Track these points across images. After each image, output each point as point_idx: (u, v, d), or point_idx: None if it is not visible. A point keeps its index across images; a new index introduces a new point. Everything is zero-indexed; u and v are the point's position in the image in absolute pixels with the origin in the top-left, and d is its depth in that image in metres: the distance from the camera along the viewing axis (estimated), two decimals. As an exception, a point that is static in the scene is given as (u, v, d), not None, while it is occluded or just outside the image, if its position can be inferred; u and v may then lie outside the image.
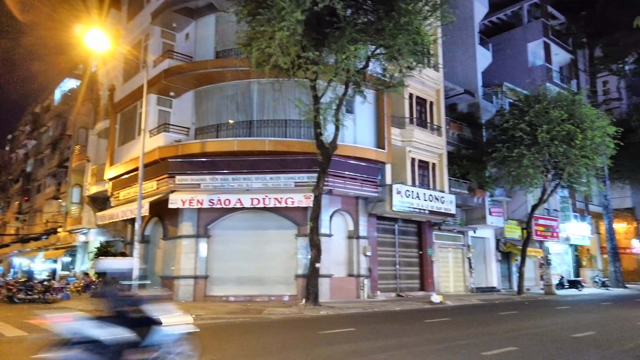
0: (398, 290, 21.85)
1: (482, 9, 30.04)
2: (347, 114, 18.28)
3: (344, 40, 14.06)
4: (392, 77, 16.45)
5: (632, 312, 15.26)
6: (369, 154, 19.99)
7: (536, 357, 7.56)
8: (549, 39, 33.97)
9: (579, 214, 33.51)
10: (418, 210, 21.01)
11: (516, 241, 27.88)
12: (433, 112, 24.31)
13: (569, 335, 9.95)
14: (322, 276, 17.21)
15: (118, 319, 5.29)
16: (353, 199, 20.20)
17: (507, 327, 11.26)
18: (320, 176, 16.04)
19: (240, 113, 19.60)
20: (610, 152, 23.66)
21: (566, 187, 26.82)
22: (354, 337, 9.61)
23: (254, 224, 18.73)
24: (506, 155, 22.71)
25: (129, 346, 5.26)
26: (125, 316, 5.37)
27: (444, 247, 24.63)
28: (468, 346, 8.43)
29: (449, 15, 15.66)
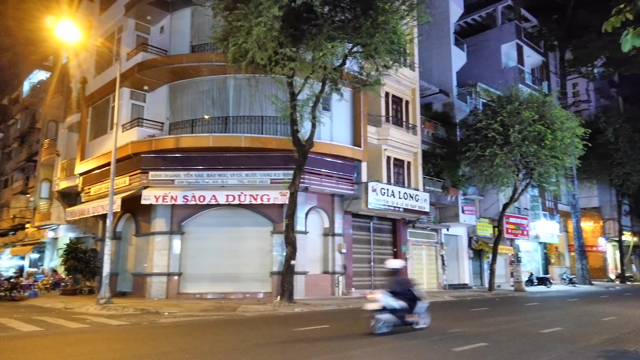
0: (373, 287, 22.02)
1: (458, 10, 30.48)
2: (323, 112, 18.30)
3: (322, 37, 14.07)
4: (368, 75, 16.53)
5: (598, 308, 15.76)
6: (345, 151, 20.08)
7: (505, 353, 7.74)
8: (522, 41, 34.70)
9: (548, 213, 34.41)
10: (393, 208, 21.22)
11: (488, 239, 28.45)
12: (409, 111, 24.56)
13: (538, 331, 10.22)
14: (298, 273, 17.22)
15: (401, 295, 9.52)
16: (329, 196, 20.26)
17: (478, 323, 11.49)
18: (297, 173, 16.03)
19: (216, 108, 19.41)
20: (578, 152, 24.35)
21: (536, 186, 27.50)
22: (328, 334, 9.66)
23: (229, 221, 18.59)
24: (479, 155, 23.13)
25: (407, 312, 9.51)
26: (405, 294, 9.60)
27: (418, 245, 24.96)
28: (440, 342, 8.58)
29: (425, 15, 15.83)
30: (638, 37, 5.32)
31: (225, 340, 8.99)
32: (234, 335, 9.66)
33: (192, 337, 9.15)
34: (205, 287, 18.04)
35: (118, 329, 10.56)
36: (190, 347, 8.04)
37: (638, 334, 9.96)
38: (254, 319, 12.32)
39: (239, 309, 13.98)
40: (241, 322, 11.66)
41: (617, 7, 5.60)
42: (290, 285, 15.57)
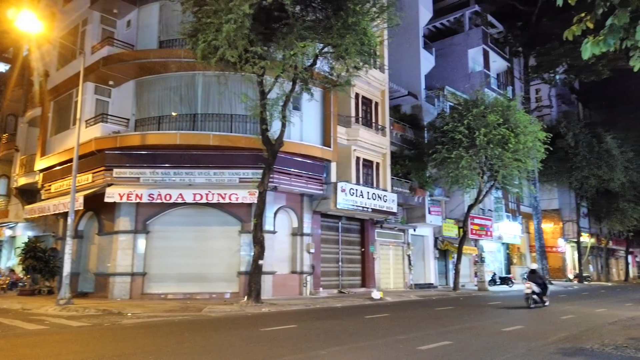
0: (340, 286, 22.15)
1: (427, 14, 30.99)
2: (294, 111, 18.24)
3: (293, 36, 14.04)
4: (339, 76, 16.60)
5: (557, 307, 16.31)
6: (315, 151, 20.09)
7: (468, 351, 7.91)
8: (488, 46, 35.58)
9: (511, 214, 35.38)
10: (362, 208, 21.38)
11: (453, 239, 29.03)
12: (378, 113, 24.80)
13: (500, 329, 10.49)
14: (265, 273, 17.13)
15: (539, 285, 15.87)
16: (298, 196, 20.24)
17: (442, 322, 11.70)
18: (266, 172, 15.94)
19: (184, 106, 19.09)
20: (540, 156, 25.13)
21: (500, 188, 28.23)
22: (295, 334, 9.64)
23: (196, 220, 18.32)
24: (446, 157, 23.57)
25: (542, 295, 15.86)
26: (540, 284, 15.95)
27: (385, 245, 25.23)
28: (405, 341, 8.69)
29: (395, 18, 16.03)
30: (597, 45, 5.54)
31: (190, 341, 8.85)
32: (199, 336, 9.51)
33: (155, 338, 8.97)
34: (170, 287, 17.70)
35: (78, 330, 10.25)
36: (154, 348, 7.88)
37: (594, 332, 10.36)
38: (220, 320, 12.18)
39: (204, 309, 13.79)
40: (207, 323, 11.50)
41: (578, 16, 5.81)
42: (257, 285, 15.47)
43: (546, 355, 7.51)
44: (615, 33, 5.42)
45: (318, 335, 9.43)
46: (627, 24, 5.42)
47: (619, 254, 53.95)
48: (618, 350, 7.98)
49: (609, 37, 5.45)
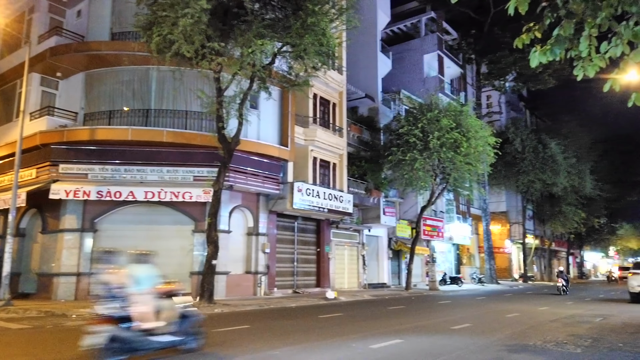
0: (295, 286, 22.12)
1: (385, 18, 31.49)
2: (251, 110, 18.08)
3: (251, 34, 13.91)
4: (297, 75, 16.59)
5: (503, 306, 16.96)
6: (272, 151, 19.98)
7: (419, 348, 8.09)
8: (443, 52, 36.56)
9: (462, 216, 36.51)
10: (318, 209, 21.44)
11: (406, 240, 29.62)
12: (335, 114, 24.97)
13: (449, 327, 10.79)
14: (219, 273, 16.85)
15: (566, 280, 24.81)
16: (254, 195, 20.05)
17: (394, 321, 11.91)
18: (221, 171, 15.70)
19: (137, 100, 18.50)
20: (490, 160, 26.06)
21: (452, 190, 29.06)
22: (248, 334, 9.54)
23: (147, 219, 17.78)
24: (400, 159, 24.02)
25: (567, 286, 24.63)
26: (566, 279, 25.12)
27: (341, 245, 25.42)
28: (358, 340, 8.77)
29: (354, 20, 16.18)
30: (544, 54, 5.78)
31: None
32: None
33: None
34: (119, 287, 17.08)
35: (18, 333, 9.71)
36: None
37: (537, 329, 10.84)
38: (172, 321, 11.86)
39: (155, 310, 13.38)
40: (157, 324, 11.17)
41: (527, 26, 6.05)
42: (210, 286, 15.20)
43: (492, 352, 7.78)
44: (561, 43, 5.68)
45: (271, 335, 9.37)
46: (572, 35, 5.68)
47: (561, 255, 56.83)
48: (559, 346, 8.38)
49: (555, 47, 5.69)
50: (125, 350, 6.36)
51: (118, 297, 6.40)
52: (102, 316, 6.29)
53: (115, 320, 6.28)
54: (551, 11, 5.73)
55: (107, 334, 6.17)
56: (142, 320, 6.59)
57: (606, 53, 5.79)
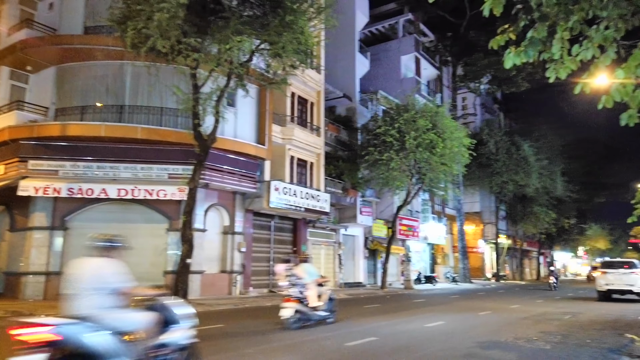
0: (271, 286, 22.01)
1: (363, 19, 31.64)
2: (228, 107, 17.88)
3: (229, 30, 13.74)
4: (275, 74, 16.50)
5: (476, 304, 17.24)
6: (249, 149, 19.83)
7: (393, 346, 8.15)
8: (420, 54, 36.96)
9: (437, 216, 37.00)
10: (295, 208, 21.39)
11: (382, 239, 29.83)
12: (313, 113, 24.96)
13: (423, 325, 10.91)
14: (193, 272, 16.63)
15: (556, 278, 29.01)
16: (230, 193, 19.88)
17: (369, 319, 11.97)
18: (197, 169, 15.50)
19: (111, 96, 18.10)
20: (465, 161, 26.45)
21: (427, 190, 29.40)
22: (222, 333, 9.45)
23: (120, 217, 17.43)
24: (377, 159, 24.17)
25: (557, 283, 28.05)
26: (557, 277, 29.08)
27: (317, 244, 25.43)
28: (333, 337, 8.79)
29: (332, 20, 16.18)
30: (518, 56, 5.89)
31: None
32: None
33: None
34: (90, 287, 16.69)
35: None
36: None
37: (509, 326, 11.06)
38: (144, 320, 11.66)
39: (127, 309, 13.13)
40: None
41: (502, 27, 6.15)
42: (184, 285, 14.99)
43: (465, 349, 7.89)
44: (535, 45, 5.79)
45: (246, 334, 9.30)
46: (545, 37, 5.80)
47: (532, 255, 58.15)
48: (529, 342, 8.56)
49: (529, 49, 5.80)
50: (302, 320, 9.94)
51: (298, 285, 10.27)
52: (291, 296, 9.90)
53: (298, 300, 9.90)
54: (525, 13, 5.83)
55: (293, 308, 9.73)
56: (311, 301, 10.25)
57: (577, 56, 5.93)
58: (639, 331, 10.32)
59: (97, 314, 4.26)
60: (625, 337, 9.40)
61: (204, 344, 8.16)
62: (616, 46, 5.92)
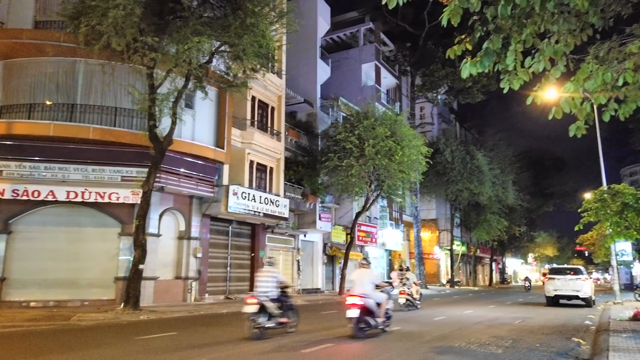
0: (227, 292, 21.62)
1: (325, 26, 31.84)
2: (186, 109, 17.49)
3: (188, 30, 13.49)
4: (235, 76, 16.30)
5: (431, 310, 17.51)
6: (207, 152, 19.45)
7: (349, 352, 8.12)
8: (380, 63, 37.55)
9: (394, 222, 37.51)
10: (253, 213, 21.13)
11: (341, 245, 29.93)
12: (274, 117, 24.82)
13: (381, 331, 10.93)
14: (146, 279, 16.10)
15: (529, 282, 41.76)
16: (187, 197, 19.42)
17: (326, 325, 11.92)
18: (152, 171, 15.04)
19: (61, 94, 17.33)
20: (422, 168, 26.98)
21: (385, 197, 29.79)
22: (175, 341, 9.14)
23: (69, 220, 16.71)
24: (337, 165, 24.28)
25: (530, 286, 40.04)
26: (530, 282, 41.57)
27: (276, 250, 25.21)
28: (289, 345, 8.67)
29: (294, 24, 16.17)
30: (474, 66, 6.02)
31: (53, 351, 7.94)
32: (63, 346, 8.60)
33: (9, 351, 7.91)
34: (35, 294, 15.86)
35: None
36: (7, 362, 6.93)
37: (462, 331, 11.27)
38: (91, 328, 11.16)
39: (73, 317, 12.54)
40: (75, 332, 10.46)
41: (458, 37, 6.28)
42: (136, 291, 14.47)
43: (420, 354, 7.96)
44: (490, 56, 5.94)
45: (199, 341, 9.04)
46: (499, 49, 5.96)
47: (485, 261, 59.93)
48: (482, 347, 8.73)
49: (484, 59, 5.95)
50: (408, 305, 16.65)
51: (407, 284, 17.07)
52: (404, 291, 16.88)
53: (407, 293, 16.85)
54: (481, 25, 5.98)
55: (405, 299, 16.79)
56: (414, 295, 17.06)
57: (530, 68, 6.13)
58: (585, 335, 10.75)
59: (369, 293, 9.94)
60: (572, 341, 9.76)
61: (154, 352, 7.87)
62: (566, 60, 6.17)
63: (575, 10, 5.84)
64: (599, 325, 12.19)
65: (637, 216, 13.30)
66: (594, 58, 6.22)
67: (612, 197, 13.55)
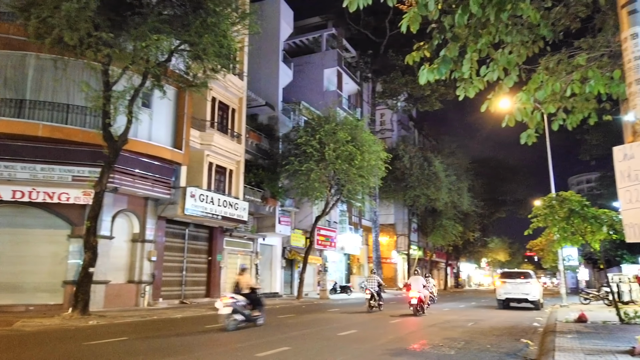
0: (183, 297, 21.12)
1: (288, 29, 31.82)
2: (143, 108, 17.03)
3: (146, 27, 13.12)
4: (195, 76, 16.00)
5: (388, 312, 17.72)
6: (164, 153, 18.98)
7: (305, 355, 8.08)
8: (342, 69, 37.86)
9: (353, 227, 37.81)
10: (211, 215, 20.77)
11: (300, 249, 29.88)
12: (234, 119, 24.54)
13: (336, 334, 10.97)
14: (97, 282, 15.52)
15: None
16: (142, 199, 18.87)
17: (283, 329, 11.83)
18: (105, 171, 14.52)
19: (9, 89, 16.45)
20: (381, 174, 27.35)
21: (345, 201, 29.97)
22: (125, 347, 8.83)
23: (15, 221, 15.91)
24: (297, 169, 24.26)
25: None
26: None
27: (234, 254, 24.87)
28: (245, 349, 8.54)
29: (256, 26, 16.06)
30: (432, 73, 6.16)
31: (-8, 360, 7.50)
32: (5, 354, 8.13)
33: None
34: (-26, 299, 14.97)
35: None
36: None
37: (417, 333, 11.46)
38: (36, 334, 10.62)
39: (17, 323, 11.91)
40: (19, 338, 9.92)
41: (417, 44, 6.42)
42: (86, 296, 13.90)
43: (375, 357, 8.02)
44: (447, 63, 6.10)
45: (151, 347, 8.76)
46: (456, 57, 6.13)
47: (440, 266, 61.30)
48: (435, 349, 8.90)
49: (441, 66, 6.10)
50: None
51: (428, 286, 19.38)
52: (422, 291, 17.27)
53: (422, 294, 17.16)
54: (439, 33, 6.13)
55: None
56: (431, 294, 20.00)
57: (485, 76, 6.33)
58: (533, 336, 11.14)
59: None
60: (521, 342, 10.09)
61: (103, 358, 7.56)
62: (518, 70, 6.41)
63: (527, 22, 6.08)
64: (546, 327, 12.68)
65: (582, 222, 13.94)
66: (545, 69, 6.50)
67: (560, 203, 14.14)
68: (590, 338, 9.75)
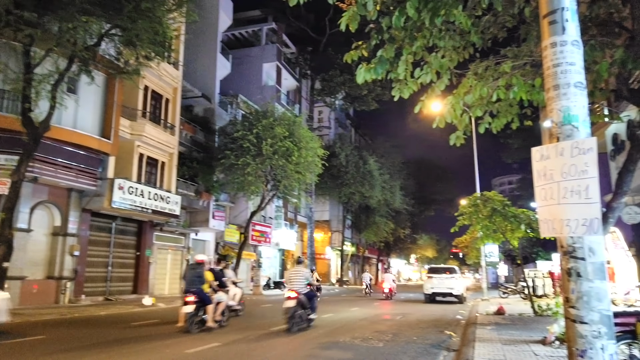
0: (107, 293, 20.16)
1: (227, 21, 31.18)
2: (69, 93, 16.00)
3: (74, 8, 12.32)
4: (127, 63, 15.25)
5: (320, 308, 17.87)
6: (91, 142, 17.97)
7: (236, 350, 8.01)
8: (282, 64, 37.70)
9: (289, 223, 37.85)
10: (141, 209, 19.96)
11: (234, 245, 29.47)
12: (168, 110, 23.71)
13: (269, 329, 10.95)
14: (12, 278, 14.40)
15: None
16: (65, 190, 17.78)
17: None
18: (23, 159, 13.47)
19: None
20: (317, 170, 27.54)
21: (281, 197, 29.93)
22: (43, 345, 8.30)
23: None
24: (233, 163, 23.88)
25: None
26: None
27: (164, 249, 24.09)
28: (173, 345, 8.33)
29: (193, 15, 15.57)
30: (369, 72, 6.28)
31: None
32: None
33: None
34: None
35: None
36: None
37: (348, 327, 11.69)
38: (-61, 335, 9.71)
39: None
40: None
41: (355, 44, 6.52)
42: (-1, 292, 12.88)
43: (307, 350, 8.10)
44: (383, 64, 6.24)
45: (73, 344, 8.30)
46: (392, 58, 6.29)
47: (372, 262, 62.88)
48: (365, 341, 9.14)
49: (378, 66, 6.23)
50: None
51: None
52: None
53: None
54: (377, 33, 6.27)
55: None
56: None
57: (419, 78, 6.55)
58: (456, 328, 11.75)
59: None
60: (445, 334, 10.61)
61: (18, 357, 7.06)
62: (450, 74, 6.70)
63: (459, 29, 6.37)
64: (468, 319, 13.42)
65: (503, 221, 14.87)
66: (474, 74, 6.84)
67: (484, 203, 14.99)
68: (507, 329, 10.44)
